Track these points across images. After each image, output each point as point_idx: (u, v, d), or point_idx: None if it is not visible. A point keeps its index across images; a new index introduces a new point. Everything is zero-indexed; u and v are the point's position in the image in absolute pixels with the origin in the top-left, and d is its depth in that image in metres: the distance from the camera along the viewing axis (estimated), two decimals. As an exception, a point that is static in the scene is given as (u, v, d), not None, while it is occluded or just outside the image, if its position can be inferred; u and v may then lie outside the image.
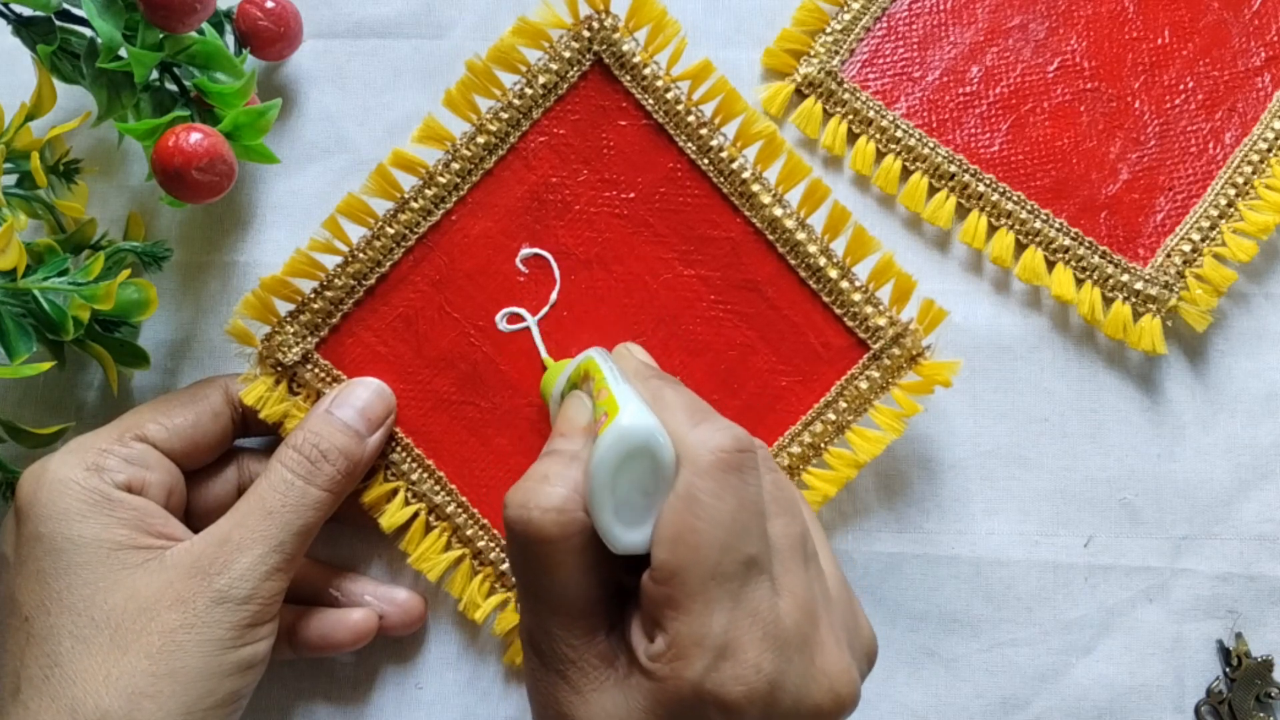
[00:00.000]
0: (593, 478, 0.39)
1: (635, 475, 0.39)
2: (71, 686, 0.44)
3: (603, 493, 0.39)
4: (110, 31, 0.47)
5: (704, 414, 0.41)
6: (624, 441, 0.39)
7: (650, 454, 0.39)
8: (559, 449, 0.43)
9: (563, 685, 0.41)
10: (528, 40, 0.53)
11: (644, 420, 0.39)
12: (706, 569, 0.38)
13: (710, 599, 0.38)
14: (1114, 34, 0.57)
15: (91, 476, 0.47)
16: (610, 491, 0.39)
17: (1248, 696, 0.55)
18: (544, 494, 0.40)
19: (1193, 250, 0.55)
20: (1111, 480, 0.56)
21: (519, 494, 0.40)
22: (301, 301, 0.52)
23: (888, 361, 0.53)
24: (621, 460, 0.39)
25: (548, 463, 0.42)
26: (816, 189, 0.53)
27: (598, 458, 0.39)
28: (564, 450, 0.42)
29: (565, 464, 0.41)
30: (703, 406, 0.42)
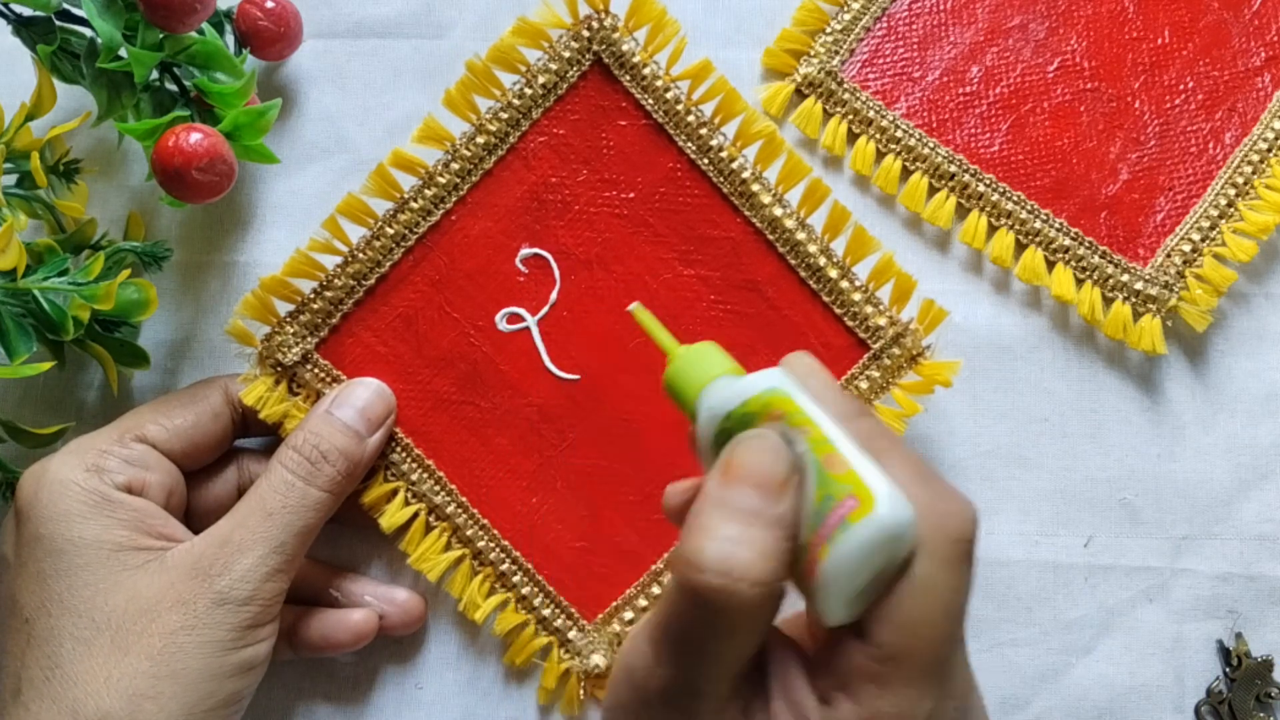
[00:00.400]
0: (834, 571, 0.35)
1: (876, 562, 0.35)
2: (73, 688, 0.44)
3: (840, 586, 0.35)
4: (110, 31, 0.47)
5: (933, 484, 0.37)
6: (884, 534, 0.34)
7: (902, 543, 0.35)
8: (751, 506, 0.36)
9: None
10: (527, 40, 0.53)
11: (905, 511, 0.35)
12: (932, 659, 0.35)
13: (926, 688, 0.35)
14: (1114, 34, 0.57)
15: (92, 478, 0.47)
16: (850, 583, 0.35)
17: (1248, 696, 0.55)
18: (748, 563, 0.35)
19: (1193, 250, 0.55)
20: (1111, 480, 0.56)
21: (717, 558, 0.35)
22: (301, 302, 0.53)
23: (888, 361, 0.53)
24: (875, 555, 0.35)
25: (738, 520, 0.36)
26: (816, 189, 0.53)
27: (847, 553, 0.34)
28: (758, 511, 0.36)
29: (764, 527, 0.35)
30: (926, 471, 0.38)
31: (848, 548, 0.34)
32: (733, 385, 0.39)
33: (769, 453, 0.37)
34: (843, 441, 0.36)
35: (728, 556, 0.34)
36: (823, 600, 0.35)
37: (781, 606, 0.37)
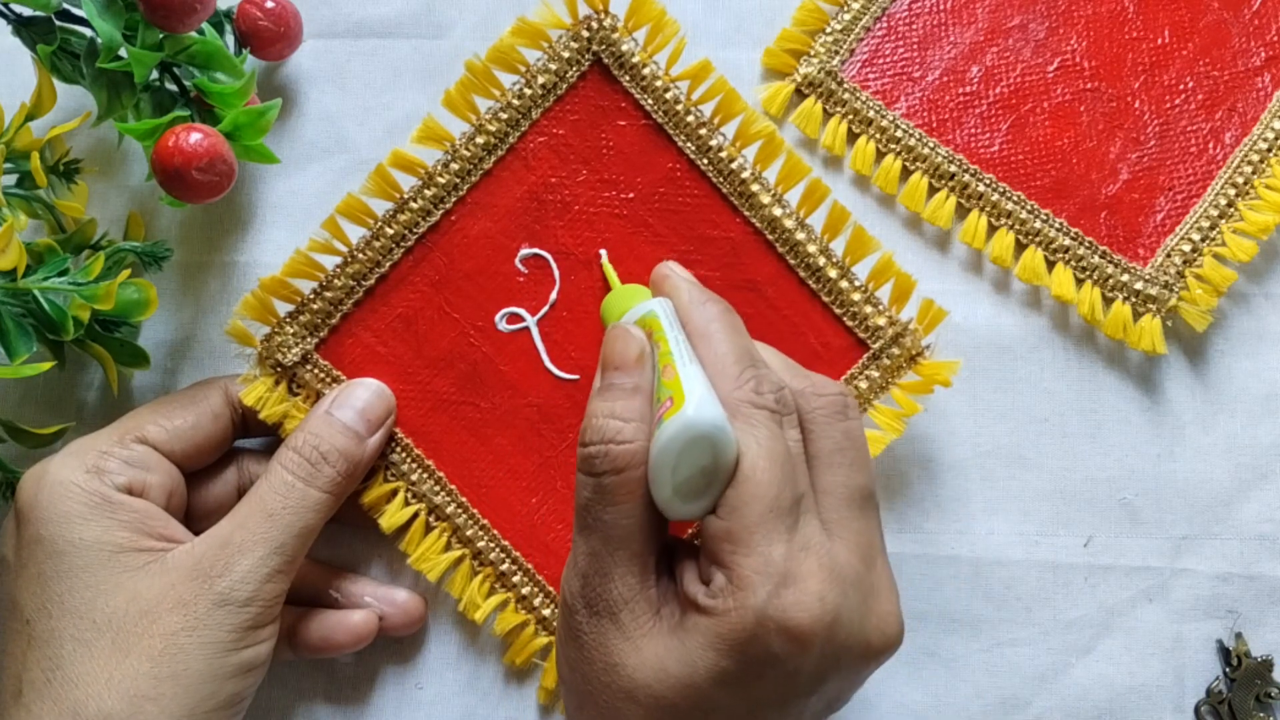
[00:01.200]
0: (654, 460, 0.41)
1: (696, 458, 0.41)
2: (73, 689, 0.44)
3: (664, 474, 0.41)
4: (110, 31, 0.47)
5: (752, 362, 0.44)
6: (689, 433, 0.40)
7: (712, 442, 0.40)
8: (617, 383, 0.44)
9: (614, 632, 0.42)
10: (527, 40, 0.53)
11: (710, 413, 0.41)
12: (765, 503, 0.40)
13: (769, 530, 0.40)
14: (1114, 34, 0.57)
15: (92, 479, 0.47)
16: (671, 473, 0.41)
17: (1248, 696, 0.55)
18: (616, 428, 0.42)
19: (1193, 250, 0.55)
20: (1111, 480, 0.56)
21: (593, 432, 0.43)
22: (301, 302, 0.53)
23: (887, 361, 0.53)
24: (684, 448, 0.40)
25: (610, 398, 0.44)
26: (816, 189, 0.53)
27: (662, 444, 0.41)
28: (622, 384, 0.44)
29: (628, 397, 0.43)
30: (747, 349, 0.45)
31: (661, 440, 0.41)
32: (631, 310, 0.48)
33: (619, 340, 0.45)
34: (680, 354, 0.44)
35: (600, 427, 0.42)
36: (655, 490, 0.42)
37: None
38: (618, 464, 0.42)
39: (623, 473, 0.42)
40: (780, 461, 0.41)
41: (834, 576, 0.40)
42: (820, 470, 0.43)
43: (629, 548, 0.42)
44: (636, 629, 0.41)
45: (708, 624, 0.40)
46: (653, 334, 0.46)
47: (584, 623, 0.43)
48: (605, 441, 0.42)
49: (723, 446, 0.40)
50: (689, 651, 0.40)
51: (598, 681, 0.42)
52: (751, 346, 0.45)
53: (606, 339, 0.46)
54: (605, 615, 0.42)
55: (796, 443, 0.43)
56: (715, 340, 0.45)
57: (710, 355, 0.44)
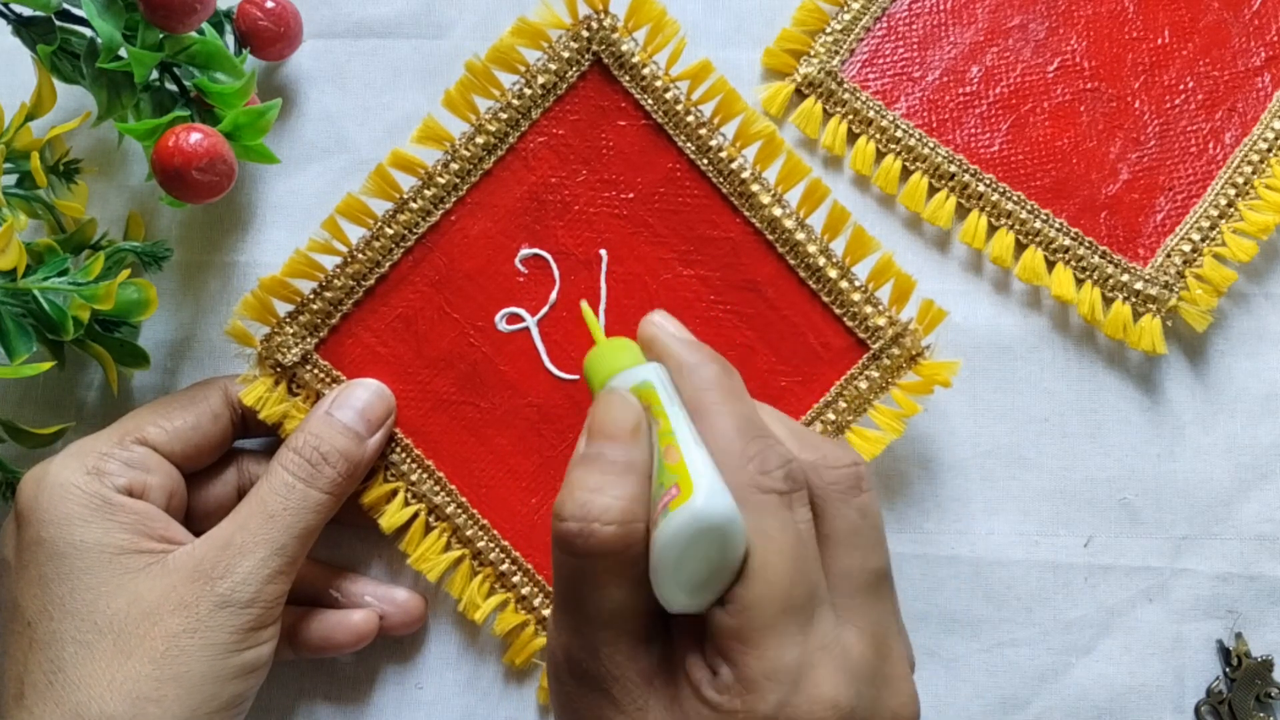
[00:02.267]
0: (658, 554, 0.38)
1: (704, 551, 0.38)
2: (75, 691, 0.44)
3: (667, 568, 0.38)
4: (110, 31, 0.47)
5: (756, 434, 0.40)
6: (698, 526, 0.37)
7: (723, 535, 0.37)
8: (607, 456, 0.40)
9: (606, 705, 0.39)
10: (527, 40, 0.53)
11: (721, 506, 0.37)
12: (778, 604, 0.37)
13: (782, 631, 0.37)
14: (1114, 34, 0.57)
15: (92, 481, 0.47)
16: (675, 568, 0.38)
17: (1248, 696, 0.55)
18: (602, 506, 0.38)
19: (1193, 250, 0.55)
20: (1111, 480, 0.56)
21: (574, 506, 0.39)
22: (301, 302, 0.53)
23: (887, 361, 0.53)
24: (692, 542, 0.37)
25: (596, 470, 0.40)
26: (816, 189, 0.53)
27: (668, 537, 0.38)
28: (613, 457, 0.40)
29: (618, 473, 0.40)
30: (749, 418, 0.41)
31: (666, 533, 0.37)
32: (622, 375, 0.43)
33: (616, 408, 0.41)
34: (684, 434, 0.40)
35: (585, 503, 0.38)
36: (656, 583, 0.38)
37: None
38: (603, 547, 0.38)
39: (609, 556, 0.38)
40: (792, 556, 0.38)
41: (848, 675, 0.37)
42: (834, 553, 0.40)
43: (615, 628, 0.39)
44: (630, 703, 0.39)
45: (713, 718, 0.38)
46: (650, 407, 0.42)
47: (574, 693, 0.40)
48: (588, 519, 0.38)
49: (733, 540, 0.38)
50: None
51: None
52: (755, 414, 0.42)
53: (597, 405, 0.42)
54: (595, 690, 0.40)
55: (807, 524, 0.39)
56: (715, 411, 0.41)
57: (710, 429, 0.40)
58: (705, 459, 0.39)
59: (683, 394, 0.42)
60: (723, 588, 0.38)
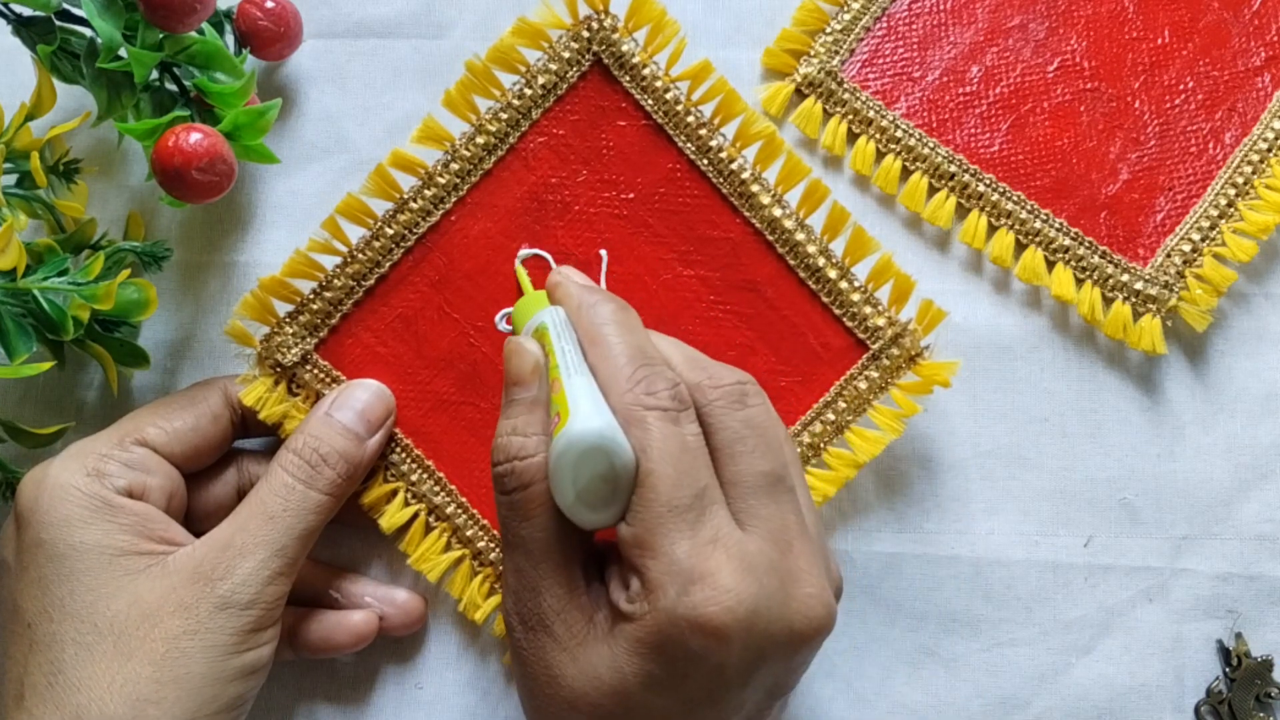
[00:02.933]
0: (551, 475, 0.41)
1: (593, 468, 0.41)
2: (76, 693, 0.44)
3: (565, 486, 0.41)
4: (110, 31, 0.47)
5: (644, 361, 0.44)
6: (576, 447, 0.40)
7: (606, 452, 0.40)
8: (516, 398, 0.45)
9: (550, 644, 0.42)
10: (527, 40, 0.53)
11: (594, 425, 0.41)
12: (664, 504, 0.40)
13: (671, 530, 0.40)
14: (1114, 34, 0.57)
15: (92, 482, 0.47)
16: (572, 484, 0.41)
17: (1248, 696, 0.55)
18: (519, 444, 0.43)
19: (1193, 250, 0.55)
20: (1111, 480, 0.56)
21: (499, 452, 0.44)
22: (300, 302, 0.52)
23: (887, 362, 0.53)
24: (577, 462, 0.40)
25: (514, 414, 0.45)
26: (816, 189, 0.53)
27: (553, 460, 0.41)
28: (521, 398, 0.45)
29: (528, 410, 0.45)
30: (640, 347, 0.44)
31: (552, 456, 0.41)
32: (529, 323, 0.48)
33: (514, 355, 0.46)
34: (566, 365, 0.44)
35: (505, 445, 0.44)
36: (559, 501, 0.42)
37: None
38: (523, 479, 0.43)
39: (529, 487, 0.42)
40: (674, 459, 0.41)
41: (745, 567, 0.39)
42: (724, 461, 0.43)
43: (550, 559, 0.43)
44: (571, 639, 0.42)
45: (630, 629, 0.40)
46: (545, 345, 0.46)
47: (522, 639, 0.43)
48: (510, 459, 0.43)
49: (618, 454, 0.40)
50: (617, 658, 0.40)
51: (542, 695, 0.42)
52: (646, 343, 0.45)
53: (505, 354, 0.47)
54: (540, 629, 0.42)
55: (696, 437, 0.42)
56: (607, 343, 0.44)
57: (602, 359, 0.44)
58: (583, 386, 0.43)
59: (579, 330, 0.46)
60: (624, 504, 0.41)
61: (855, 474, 0.54)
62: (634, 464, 0.41)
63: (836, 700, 0.55)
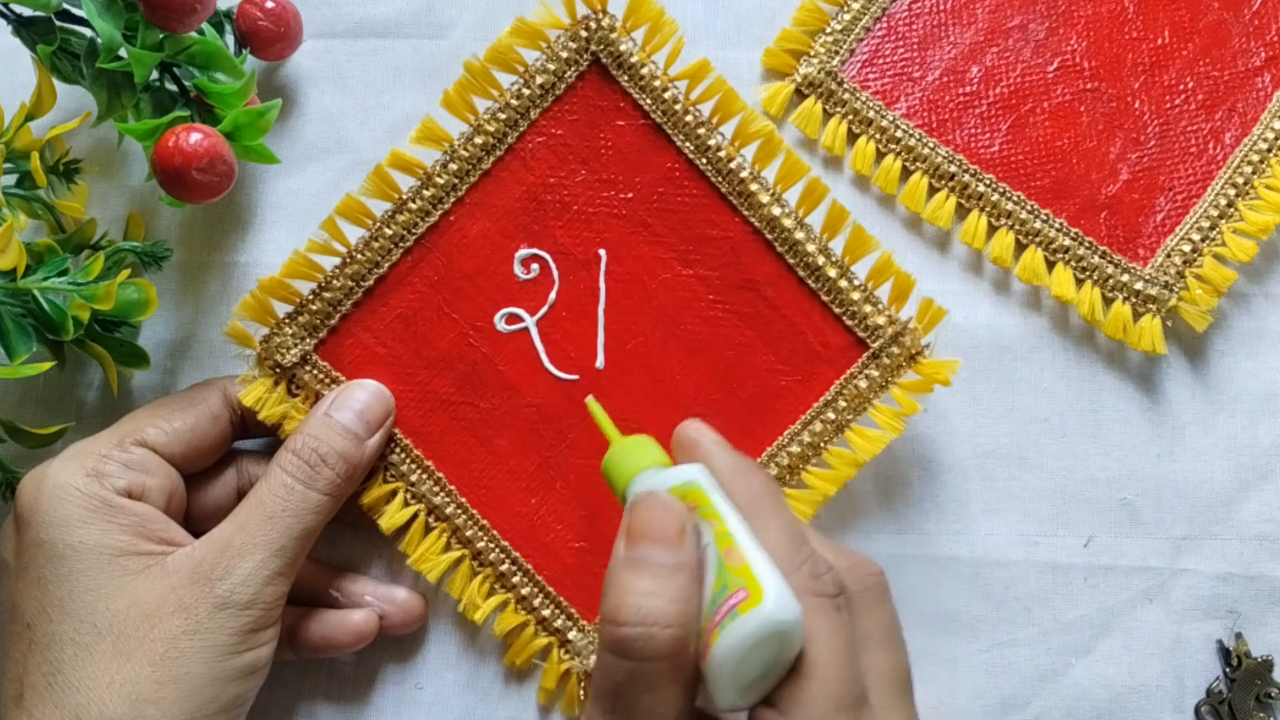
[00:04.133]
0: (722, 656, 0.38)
1: (764, 653, 0.38)
2: (75, 693, 0.44)
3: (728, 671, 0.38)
4: (110, 31, 0.47)
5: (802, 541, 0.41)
6: (769, 630, 0.38)
7: (787, 637, 0.38)
8: (655, 559, 0.40)
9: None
10: (525, 41, 0.53)
11: (792, 611, 0.38)
12: (834, 700, 0.38)
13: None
14: (1114, 34, 0.57)
15: (92, 483, 0.47)
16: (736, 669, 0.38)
17: (1248, 696, 0.55)
18: (659, 610, 0.39)
19: (1193, 250, 0.55)
20: (1111, 480, 0.56)
21: (630, 611, 0.39)
22: (300, 303, 0.53)
23: (887, 360, 0.53)
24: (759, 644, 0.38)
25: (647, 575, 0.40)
26: (815, 188, 0.53)
27: (735, 640, 0.38)
28: (662, 561, 0.40)
29: (669, 576, 0.40)
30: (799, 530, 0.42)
31: (735, 636, 0.38)
32: (657, 476, 0.43)
33: (661, 509, 0.41)
34: (743, 537, 0.40)
35: (641, 607, 0.39)
36: (713, 684, 0.39)
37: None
38: (663, 650, 0.38)
39: (663, 660, 0.39)
40: (844, 656, 0.39)
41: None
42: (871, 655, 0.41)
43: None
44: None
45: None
46: (698, 508, 0.42)
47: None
48: (648, 624, 0.38)
49: (794, 640, 0.38)
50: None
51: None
52: (799, 522, 0.43)
53: (639, 507, 0.42)
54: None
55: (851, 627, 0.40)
56: (768, 517, 0.42)
57: (763, 534, 0.41)
58: (768, 563, 0.39)
59: (735, 499, 0.42)
60: (771, 687, 0.39)
61: (855, 473, 0.54)
62: (797, 652, 0.39)
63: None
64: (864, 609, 0.42)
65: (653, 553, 0.41)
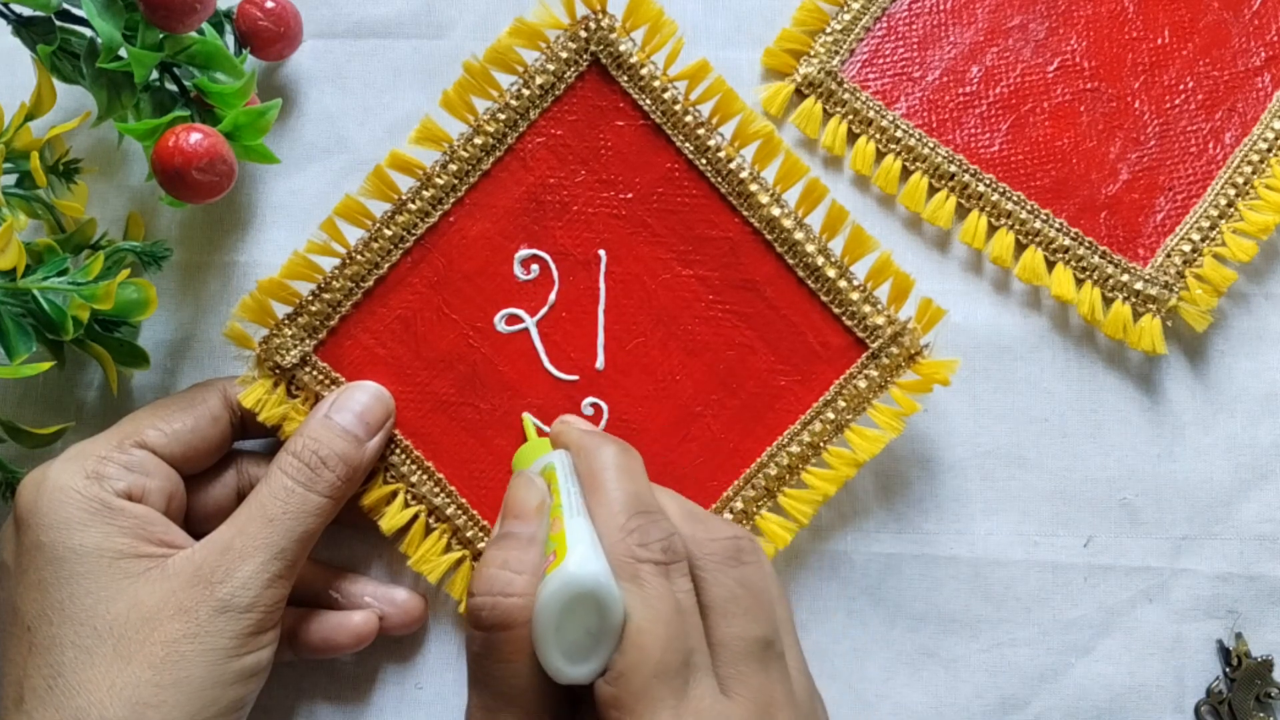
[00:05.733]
0: (537, 619, 0.40)
1: (581, 618, 0.40)
2: (75, 697, 0.44)
3: (548, 634, 0.40)
4: (110, 31, 0.47)
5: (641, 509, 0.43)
6: (569, 590, 0.39)
7: (597, 601, 0.40)
8: (514, 532, 0.44)
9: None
10: (524, 41, 0.53)
11: (591, 569, 0.40)
12: (651, 668, 0.39)
13: (656, 697, 0.39)
14: (1114, 34, 0.57)
15: (92, 485, 0.47)
16: (555, 633, 0.40)
17: (1248, 696, 0.55)
18: (506, 580, 0.41)
19: (1193, 250, 0.55)
20: (1111, 480, 0.56)
21: (482, 582, 0.42)
22: (299, 304, 0.52)
23: (886, 360, 0.53)
24: (567, 606, 0.40)
25: (505, 548, 0.43)
26: (814, 188, 0.53)
27: (542, 601, 0.40)
28: (519, 534, 0.44)
29: (522, 548, 0.43)
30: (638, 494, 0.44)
31: (543, 597, 0.40)
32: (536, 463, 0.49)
33: (521, 488, 0.45)
34: (569, 506, 0.43)
35: (491, 578, 0.42)
36: (540, 650, 0.40)
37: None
38: (506, 619, 0.41)
39: (510, 629, 0.41)
40: (665, 621, 0.40)
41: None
42: (713, 621, 0.42)
43: (521, 705, 0.41)
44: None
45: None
46: (550, 487, 0.46)
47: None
48: (494, 594, 0.41)
49: (608, 605, 0.40)
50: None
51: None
52: (645, 492, 0.44)
53: (509, 487, 0.46)
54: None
55: (688, 594, 0.41)
56: (606, 487, 0.44)
57: (598, 504, 0.43)
58: (584, 528, 0.42)
59: (581, 474, 0.46)
60: (606, 659, 0.40)
61: (855, 473, 0.54)
62: (621, 619, 0.40)
63: (838, 703, 0.55)
64: (709, 575, 0.43)
65: (511, 526, 0.44)
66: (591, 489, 0.44)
